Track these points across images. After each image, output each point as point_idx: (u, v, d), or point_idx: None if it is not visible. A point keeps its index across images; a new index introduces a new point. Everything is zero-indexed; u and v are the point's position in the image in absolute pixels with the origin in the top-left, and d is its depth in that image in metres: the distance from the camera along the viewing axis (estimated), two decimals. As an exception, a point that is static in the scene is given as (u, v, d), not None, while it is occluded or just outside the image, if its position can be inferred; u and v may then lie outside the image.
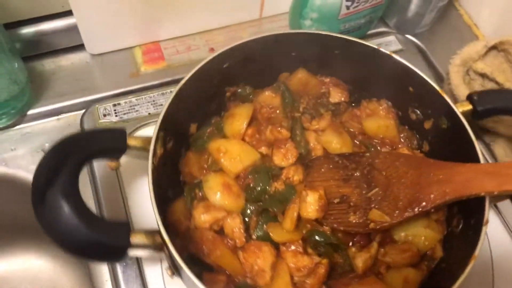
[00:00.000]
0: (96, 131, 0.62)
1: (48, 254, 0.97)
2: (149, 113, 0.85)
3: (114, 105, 0.85)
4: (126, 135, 0.61)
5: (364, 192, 0.68)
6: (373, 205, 0.67)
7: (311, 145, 0.74)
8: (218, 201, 0.68)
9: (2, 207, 0.87)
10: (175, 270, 0.60)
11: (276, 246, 0.66)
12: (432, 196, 0.62)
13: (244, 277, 0.64)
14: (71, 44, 0.91)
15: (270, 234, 0.66)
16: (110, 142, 0.60)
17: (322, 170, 0.71)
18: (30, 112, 0.85)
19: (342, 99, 0.79)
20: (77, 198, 0.53)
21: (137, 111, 0.84)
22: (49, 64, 0.91)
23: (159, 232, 0.57)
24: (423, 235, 0.67)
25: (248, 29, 0.97)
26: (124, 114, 0.83)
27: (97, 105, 0.84)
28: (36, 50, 0.90)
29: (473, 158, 0.64)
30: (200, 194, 0.70)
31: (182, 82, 0.66)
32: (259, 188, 0.69)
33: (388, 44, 0.98)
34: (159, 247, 0.57)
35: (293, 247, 0.66)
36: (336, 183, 0.70)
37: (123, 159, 0.63)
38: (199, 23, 0.95)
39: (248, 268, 0.64)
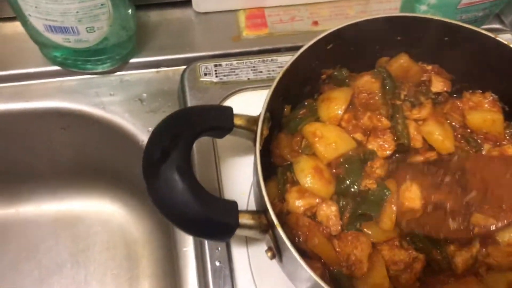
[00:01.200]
0: (206, 107, 0.61)
1: (121, 201, 1.01)
2: (248, 78, 0.84)
3: (215, 65, 0.85)
4: (233, 113, 0.60)
5: (460, 197, 0.63)
6: (473, 209, 0.62)
7: (411, 136, 0.71)
8: (308, 184, 0.66)
9: (90, 149, 0.91)
10: (277, 252, 0.58)
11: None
12: None
13: (340, 266, 0.63)
14: (178, -2, 0.92)
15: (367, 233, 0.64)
16: (219, 120, 0.59)
17: (409, 177, 0.67)
18: (131, 60, 0.87)
19: (444, 88, 0.74)
20: (191, 174, 0.52)
21: (237, 74, 0.84)
22: (155, 16, 0.92)
23: (264, 212, 0.56)
24: (531, 239, 0.64)
25: (355, 7, 0.93)
26: (224, 75, 0.84)
27: (199, 63, 0.85)
28: (145, 0, 0.91)
29: None
30: (292, 177, 0.68)
31: (289, 62, 0.64)
32: (348, 182, 0.66)
33: None
34: (264, 228, 0.56)
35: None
36: (426, 190, 0.65)
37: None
38: (306, -6, 0.93)
39: (344, 257, 0.63)
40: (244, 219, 0.54)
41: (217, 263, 0.67)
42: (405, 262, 0.62)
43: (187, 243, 0.70)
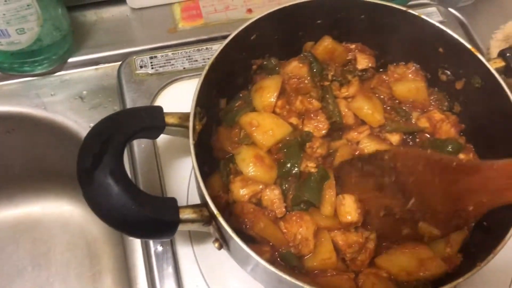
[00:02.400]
0: (135, 109, 0.62)
1: (79, 201, 1.02)
2: (184, 68, 0.87)
3: (151, 57, 0.87)
4: (163, 112, 0.61)
5: (403, 203, 0.63)
6: (417, 217, 0.62)
7: (342, 113, 0.74)
8: (251, 173, 0.68)
9: (38, 151, 0.91)
10: (223, 242, 0.60)
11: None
12: (471, 208, 0.57)
13: (288, 247, 0.65)
14: (113, -4, 0.94)
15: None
16: (149, 120, 0.59)
17: (353, 181, 0.68)
18: (70, 60, 0.88)
19: (369, 65, 0.78)
20: (125, 177, 0.53)
21: (172, 65, 0.86)
22: (91, 15, 0.94)
23: (205, 205, 0.57)
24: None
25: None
26: (160, 67, 0.86)
27: (134, 57, 0.87)
28: (79, 1, 0.93)
29: (509, 115, 0.64)
30: (235, 168, 0.70)
31: (214, 56, 0.65)
32: (289, 165, 0.68)
33: (429, 15, 0.96)
34: (207, 220, 0.57)
35: None
36: (373, 194, 0.66)
37: (161, 137, 0.63)
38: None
39: (291, 237, 0.65)
40: (185, 214, 0.55)
41: (160, 247, 0.69)
42: (359, 243, 0.65)
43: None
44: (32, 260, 0.99)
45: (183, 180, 0.74)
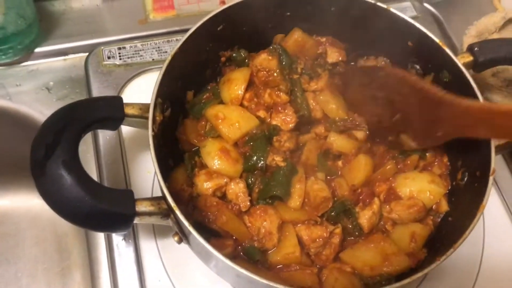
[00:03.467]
0: (92, 100, 0.61)
1: None
2: (153, 59, 0.86)
3: (119, 48, 0.86)
4: (123, 103, 0.59)
5: (390, 116, 0.70)
6: (400, 129, 0.69)
7: (310, 107, 0.73)
8: (216, 166, 0.67)
9: (5, 144, 0.89)
10: (183, 236, 0.59)
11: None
12: (439, 134, 0.64)
13: (252, 240, 0.64)
14: (82, -14, 0.92)
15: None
16: (107, 111, 0.58)
17: (355, 87, 0.73)
18: (37, 50, 0.86)
19: (340, 58, 0.77)
20: (78, 168, 0.51)
21: (141, 56, 0.85)
22: (59, 4, 0.92)
23: (164, 198, 0.56)
24: (428, 190, 0.67)
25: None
26: (128, 58, 0.85)
27: (102, 47, 0.85)
28: None
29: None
30: (200, 161, 0.69)
31: (177, 46, 0.64)
32: (255, 158, 0.67)
33: (403, 10, 0.96)
34: (165, 213, 0.56)
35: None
36: (370, 102, 0.72)
37: (127, 129, 0.62)
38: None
39: (255, 231, 0.64)
40: (142, 207, 0.54)
41: (122, 241, 0.69)
42: (323, 237, 0.64)
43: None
44: (0, 255, 0.96)
45: (148, 174, 0.73)
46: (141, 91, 0.78)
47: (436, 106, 0.62)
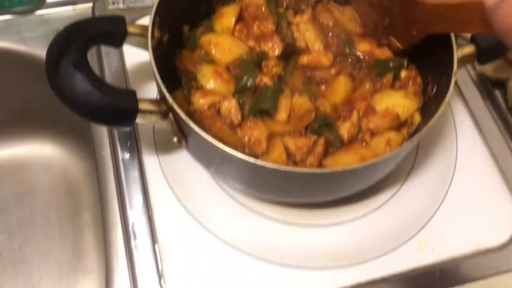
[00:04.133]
0: (99, 17, 0.68)
1: (61, 143, 1.10)
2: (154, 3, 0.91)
3: None
4: (125, 21, 0.67)
5: (381, 21, 0.79)
6: (389, 32, 0.78)
7: (295, 37, 0.81)
8: (210, 86, 0.74)
9: (20, 91, 0.97)
10: (182, 135, 0.66)
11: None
12: (414, 32, 0.73)
13: (243, 149, 0.71)
14: None
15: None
16: (112, 27, 0.65)
17: None
18: (49, 0, 0.95)
19: (320, -4, 0.85)
20: (87, 68, 0.58)
21: (143, 1, 0.92)
22: None
23: (163, 99, 0.63)
24: (402, 105, 0.74)
25: None
26: (131, 3, 0.91)
27: None
28: None
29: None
30: (196, 84, 0.76)
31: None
32: (245, 78, 0.75)
33: None
34: (164, 113, 0.63)
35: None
36: (367, 9, 0.81)
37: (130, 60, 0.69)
38: None
39: (246, 140, 0.71)
40: (144, 105, 0.61)
41: (127, 155, 0.76)
42: (307, 145, 0.71)
43: (105, 148, 0.79)
44: (16, 198, 1.06)
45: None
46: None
47: (412, 8, 0.71)
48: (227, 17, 0.80)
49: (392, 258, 0.72)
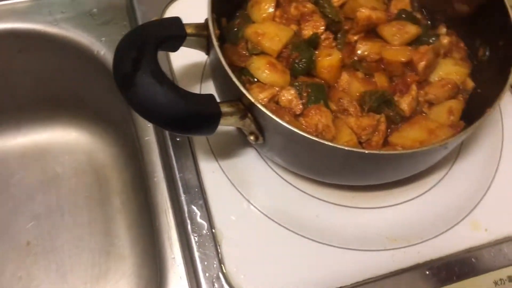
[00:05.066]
0: (157, 21, 0.64)
1: (86, 129, 1.08)
2: None
3: None
4: (182, 22, 0.63)
5: None
6: None
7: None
8: (267, 79, 0.72)
9: (50, 74, 0.95)
10: (259, 132, 0.64)
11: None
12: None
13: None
14: None
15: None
16: (173, 30, 0.62)
17: None
18: None
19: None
20: (166, 77, 0.55)
21: None
22: None
23: (239, 99, 0.61)
24: (454, 71, 0.75)
25: None
26: None
27: None
28: None
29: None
30: (248, 78, 0.74)
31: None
32: (304, 60, 0.74)
33: None
34: (243, 113, 0.61)
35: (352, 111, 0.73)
36: None
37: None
38: None
39: (313, 128, 0.70)
40: (224, 108, 0.59)
41: (178, 139, 0.74)
42: (372, 125, 0.71)
43: (149, 133, 0.77)
44: (42, 186, 1.03)
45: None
46: (181, 13, 0.79)
47: None
48: (265, 4, 0.77)
49: (446, 238, 0.73)
